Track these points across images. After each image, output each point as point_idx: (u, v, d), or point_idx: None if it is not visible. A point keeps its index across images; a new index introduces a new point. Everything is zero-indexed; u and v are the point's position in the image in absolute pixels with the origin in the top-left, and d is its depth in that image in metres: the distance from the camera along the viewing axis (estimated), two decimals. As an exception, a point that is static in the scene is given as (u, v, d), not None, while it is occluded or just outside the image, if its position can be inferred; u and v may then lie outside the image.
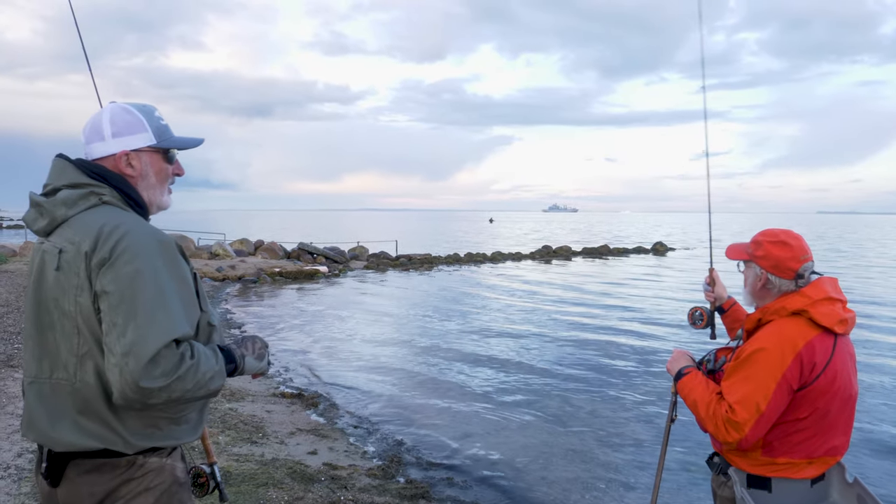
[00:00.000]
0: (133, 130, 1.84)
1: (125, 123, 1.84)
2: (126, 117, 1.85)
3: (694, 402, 2.31)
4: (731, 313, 2.84)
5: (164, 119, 1.92)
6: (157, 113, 1.92)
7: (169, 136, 1.91)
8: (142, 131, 1.86)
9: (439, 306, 16.22)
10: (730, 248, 2.47)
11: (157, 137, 1.88)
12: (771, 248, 2.28)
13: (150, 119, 1.89)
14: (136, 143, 1.84)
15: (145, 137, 1.86)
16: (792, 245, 2.26)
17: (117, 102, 1.89)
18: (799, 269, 2.24)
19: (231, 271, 21.88)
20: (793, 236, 2.30)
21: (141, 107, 1.90)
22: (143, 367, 1.53)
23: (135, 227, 1.68)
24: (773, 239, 2.30)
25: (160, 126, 1.90)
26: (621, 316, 14.71)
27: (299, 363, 9.98)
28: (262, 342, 1.96)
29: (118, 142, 1.82)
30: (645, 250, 39.99)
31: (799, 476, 2.21)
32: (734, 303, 2.87)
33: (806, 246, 2.28)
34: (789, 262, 2.25)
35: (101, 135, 1.83)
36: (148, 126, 1.87)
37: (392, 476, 5.49)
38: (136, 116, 1.86)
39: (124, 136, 1.83)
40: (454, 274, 25.28)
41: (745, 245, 2.41)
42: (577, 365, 9.91)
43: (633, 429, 6.98)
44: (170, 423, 1.76)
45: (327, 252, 27.78)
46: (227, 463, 5.21)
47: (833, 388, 2.17)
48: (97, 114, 1.87)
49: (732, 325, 2.82)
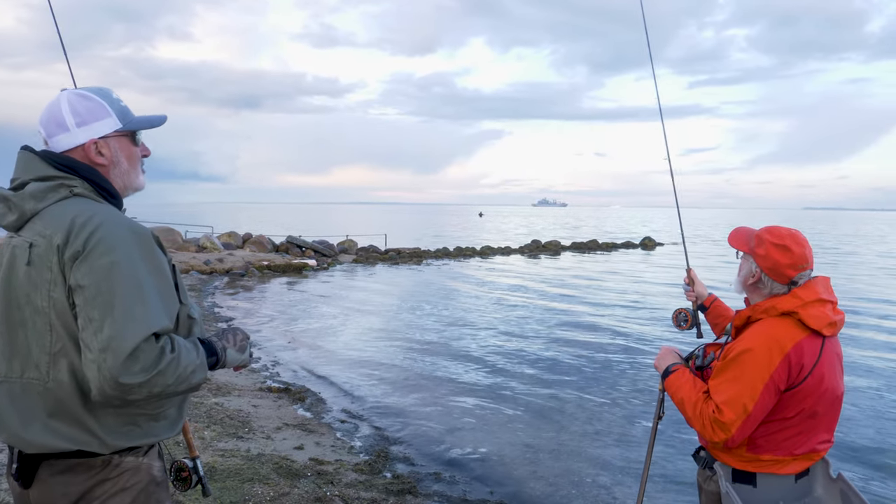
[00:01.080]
0: (97, 116, 1.76)
1: (87, 110, 1.75)
2: (87, 104, 1.76)
3: (681, 401, 2.30)
4: (713, 309, 2.85)
5: (122, 100, 1.83)
6: (115, 94, 1.83)
7: (132, 118, 1.83)
8: (106, 116, 1.77)
9: (428, 301, 16.20)
10: (734, 232, 2.40)
11: (121, 120, 1.80)
12: (772, 249, 2.22)
13: (111, 102, 1.80)
14: (103, 130, 1.76)
15: (111, 122, 1.78)
16: (794, 252, 2.20)
17: (70, 89, 1.79)
18: (794, 277, 2.21)
19: (219, 264, 21.75)
20: (797, 241, 2.22)
21: (97, 90, 1.80)
22: (122, 362, 1.48)
23: (109, 219, 1.63)
24: (778, 241, 2.22)
25: (122, 108, 1.82)
26: (609, 311, 14.76)
27: (287, 357, 9.93)
28: (244, 334, 1.92)
29: (84, 130, 1.74)
30: (633, 245, 40.16)
31: (783, 472, 2.22)
32: (715, 299, 2.88)
33: (808, 255, 2.22)
34: (787, 269, 2.20)
35: (63, 126, 1.73)
36: (111, 110, 1.79)
37: (379, 471, 5.47)
38: (97, 101, 1.77)
39: (90, 124, 1.75)
40: (443, 268, 25.27)
41: (749, 235, 2.34)
42: (565, 360, 9.93)
43: (621, 425, 7.00)
44: (148, 420, 1.71)
45: (316, 245, 27.69)
46: (213, 458, 5.17)
47: (820, 389, 2.17)
48: (52, 104, 1.76)
49: (716, 321, 2.83)
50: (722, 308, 2.84)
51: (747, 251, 2.33)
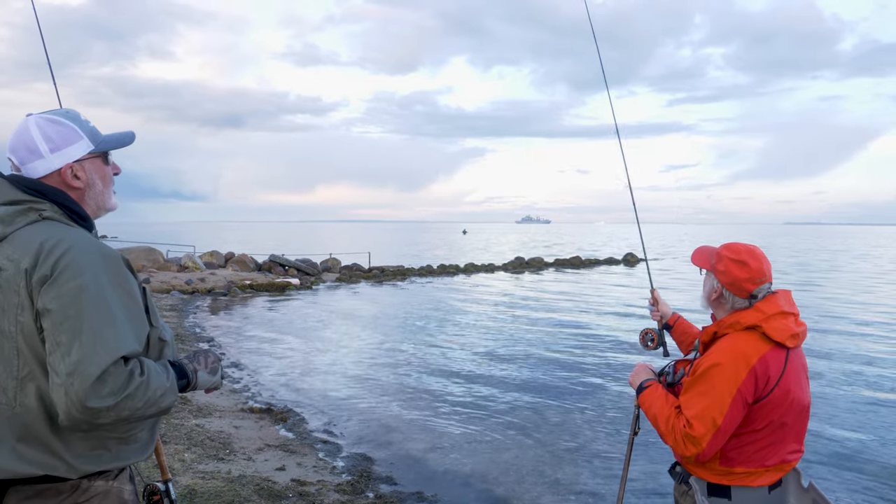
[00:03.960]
0: (70, 141, 1.77)
1: (59, 135, 1.75)
2: (58, 128, 1.76)
3: (654, 416, 2.34)
4: (677, 327, 2.93)
5: (90, 121, 1.84)
6: (82, 116, 1.84)
7: (102, 138, 1.84)
8: (78, 139, 1.78)
9: (411, 319, 16.17)
10: (697, 252, 2.48)
11: (93, 142, 1.81)
12: (731, 265, 2.30)
13: (81, 125, 1.81)
14: (77, 153, 1.77)
15: (83, 145, 1.79)
16: (751, 266, 2.27)
17: (36, 114, 1.79)
18: (753, 291, 2.28)
19: (201, 284, 21.57)
20: (754, 256, 2.30)
21: (65, 113, 1.81)
22: (90, 386, 1.48)
23: (77, 242, 1.63)
24: (735, 257, 2.31)
25: (92, 130, 1.83)
26: (589, 328, 14.83)
27: (269, 377, 9.85)
28: (215, 356, 1.92)
29: (58, 156, 1.74)
30: (616, 261, 40.41)
31: (756, 483, 2.25)
32: (678, 317, 2.96)
33: (765, 268, 2.29)
34: (745, 283, 2.28)
35: (37, 152, 1.73)
36: (82, 132, 1.79)
37: (361, 491, 5.43)
38: (68, 125, 1.78)
39: (63, 149, 1.75)
40: (427, 286, 25.25)
41: (710, 254, 2.42)
42: (546, 377, 9.94)
43: (601, 441, 7.02)
44: (119, 444, 1.71)
45: (299, 264, 27.56)
46: (193, 480, 5.11)
47: (787, 400, 2.22)
48: (21, 130, 1.75)
49: (681, 339, 2.91)
50: (686, 325, 2.93)
51: (709, 268, 2.41)
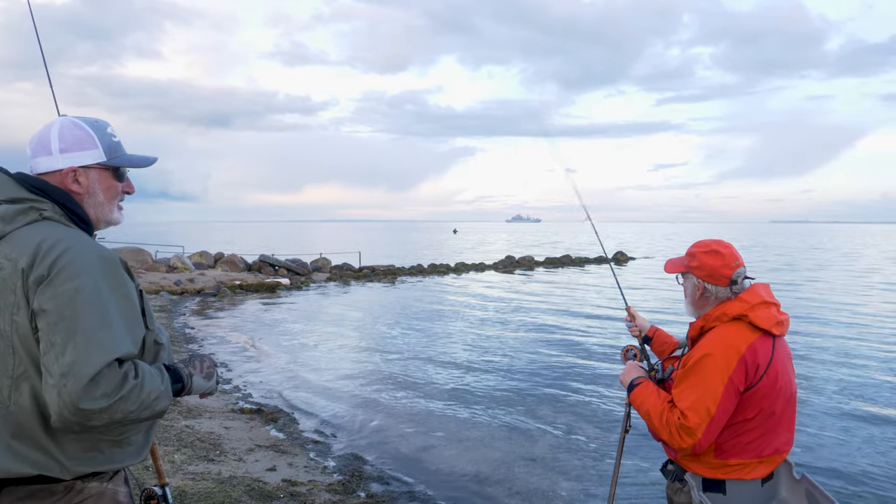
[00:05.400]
0: (83, 147, 1.78)
1: (75, 139, 1.78)
2: (76, 132, 1.78)
3: (647, 412, 2.36)
4: (656, 339, 3.00)
5: (116, 136, 1.85)
6: (109, 129, 1.85)
7: (120, 154, 1.85)
8: (92, 148, 1.80)
9: (401, 318, 16.16)
10: (667, 262, 2.58)
11: (107, 155, 1.82)
12: (704, 257, 2.40)
13: (102, 136, 1.82)
14: (85, 160, 1.78)
15: (95, 154, 1.80)
16: (723, 253, 2.38)
17: (68, 116, 1.82)
18: (732, 276, 2.36)
19: (190, 285, 21.46)
20: (723, 245, 2.42)
21: (93, 122, 1.83)
22: (83, 387, 1.48)
23: (75, 243, 1.63)
24: (705, 249, 2.42)
25: (112, 143, 1.84)
26: (580, 326, 14.88)
27: (259, 378, 9.82)
28: (211, 361, 1.92)
29: (66, 157, 1.76)
30: (606, 260, 40.40)
31: (751, 476, 2.29)
32: (657, 329, 3.03)
33: (736, 253, 2.42)
34: (722, 269, 2.36)
35: (48, 149, 1.76)
36: (99, 143, 1.81)
37: (353, 491, 5.43)
38: (87, 132, 1.80)
39: (73, 152, 1.77)
40: (417, 285, 25.24)
41: (681, 259, 2.52)
42: (537, 375, 9.97)
43: (592, 439, 7.05)
44: (112, 446, 1.70)
45: (289, 264, 27.47)
46: (183, 482, 5.08)
47: (776, 387, 2.27)
48: (46, 126, 1.79)
49: (661, 349, 2.96)
50: (664, 336, 2.99)
51: (684, 270, 2.49)
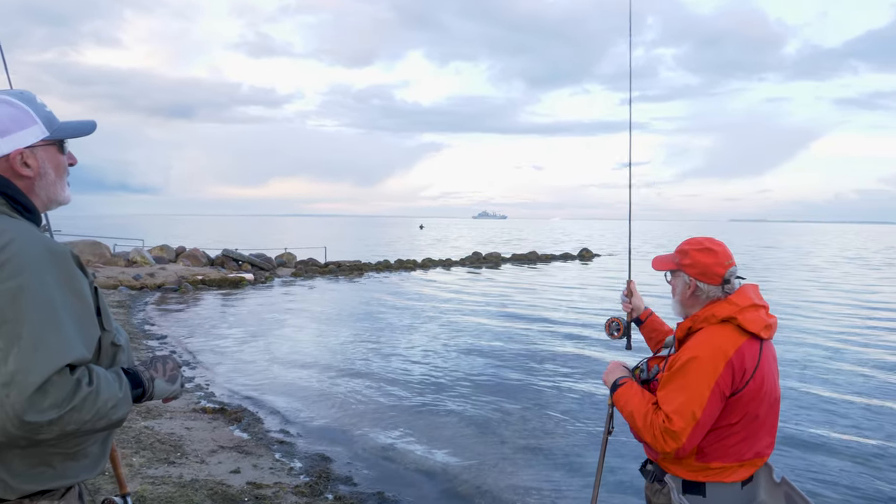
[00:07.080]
0: (22, 125, 1.61)
1: (11, 118, 1.60)
2: (10, 110, 1.60)
3: (631, 413, 2.30)
4: (648, 323, 2.88)
5: (46, 105, 1.68)
6: (38, 99, 1.68)
7: (59, 125, 1.69)
8: (31, 124, 1.62)
9: (368, 314, 16.00)
10: (655, 260, 2.51)
11: (48, 128, 1.66)
12: (697, 255, 2.34)
13: (36, 108, 1.65)
14: (29, 139, 1.61)
15: (37, 130, 1.63)
16: (717, 251, 2.33)
17: None
18: (725, 275, 2.31)
19: (150, 279, 20.93)
20: (716, 243, 2.37)
21: (19, 94, 1.65)
22: (28, 398, 1.33)
23: (20, 236, 1.47)
24: (699, 247, 2.36)
25: (47, 115, 1.67)
26: (549, 323, 14.93)
27: (222, 376, 9.57)
28: (174, 362, 1.77)
29: (8, 141, 1.58)
30: (572, 257, 40.92)
31: (731, 479, 2.25)
32: (651, 313, 2.91)
33: (729, 252, 2.37)
34: (715, 267, 2.31)
35: None
36: (36, 117, 1.64)
37: (320, 493, 5.29)
38: (21, 107, 1.62)
39: (14, 133, 1.59)
40: (384, 281, 25.06)
41: (670, 256, 2.46)
42: (507, 373, 9.94)
43: (571, 439, 7.00)
44: (65, 460, 1.54)
45: (253, 259, 27.01)
46: (142, 486, 4.89)
47: (761, 392, 2.23)
48: None
49: (650, 335, 2.86)
50: (657, 322, 2.88)
51: (675, 267, 2.42)
